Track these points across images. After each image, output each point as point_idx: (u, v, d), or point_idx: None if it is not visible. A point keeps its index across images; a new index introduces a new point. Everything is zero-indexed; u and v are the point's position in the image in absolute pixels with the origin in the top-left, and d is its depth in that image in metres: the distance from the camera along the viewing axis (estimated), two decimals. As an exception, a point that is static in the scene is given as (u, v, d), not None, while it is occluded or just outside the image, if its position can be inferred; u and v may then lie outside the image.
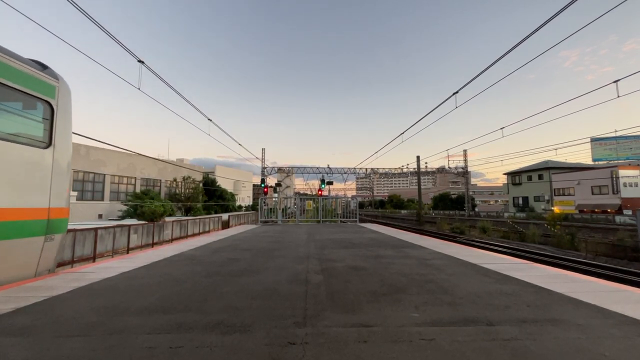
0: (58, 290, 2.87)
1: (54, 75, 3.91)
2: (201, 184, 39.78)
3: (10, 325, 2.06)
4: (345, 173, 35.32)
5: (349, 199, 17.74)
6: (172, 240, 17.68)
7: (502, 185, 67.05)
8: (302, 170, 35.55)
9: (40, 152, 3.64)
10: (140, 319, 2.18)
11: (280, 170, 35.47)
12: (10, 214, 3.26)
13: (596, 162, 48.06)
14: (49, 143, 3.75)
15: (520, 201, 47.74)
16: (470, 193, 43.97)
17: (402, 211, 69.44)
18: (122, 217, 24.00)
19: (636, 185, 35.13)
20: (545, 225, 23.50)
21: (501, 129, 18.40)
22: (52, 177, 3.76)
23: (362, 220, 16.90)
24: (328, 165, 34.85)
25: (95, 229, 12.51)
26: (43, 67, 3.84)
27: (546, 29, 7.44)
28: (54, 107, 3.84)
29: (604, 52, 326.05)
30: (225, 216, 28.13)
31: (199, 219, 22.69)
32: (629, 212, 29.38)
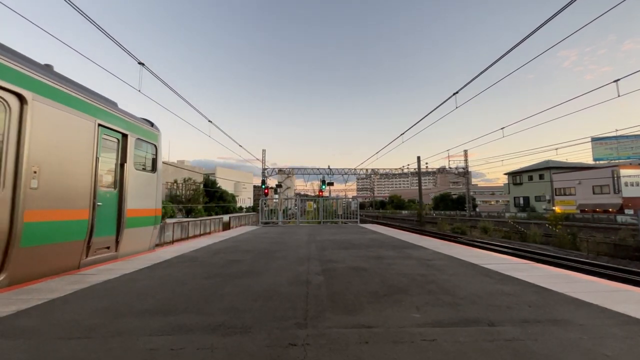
0: (59, 293, 2.88)
1: (157, 127, 6.45)
2: (202, 186, 39.82)
3: (11, 328, 2.06)
4: (345, 174, 35.32)
5: (350, 199, 17.72)
6: (172, 241, 17.67)
7: (502, 185, 66.87)
8: (303, 172, 35.57)
9: (152, 175, 6.15)
10: (141, 320, 2.18)
11: (280, 171, 35.47)
12: (144, 212, 5.81)
13: (597, 162, 47.94)
14: (154, 169, 6.25)
15: (521, 201, 47.63)
16: (471, 193, 43.90)
17: (403, 212, 69.37)
18: (123, 219, 23.93)
19: (637, 184, 35.04)
20: (547, 225, 23.43)
21: (501, 129, 18.41)
22: (156, 190, 6.24)
23: (362, 221, 16.90)
24: (328, 166, 34.90)
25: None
26: (151, 123, 6.33)
27: (545, 28, 7.45)
28: (157, 147, 6.35)
29: (602, 51, 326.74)
30: (225, 217, 28.11)
31: (200, 220, 22.67)
32: (631, 212, 29.30)
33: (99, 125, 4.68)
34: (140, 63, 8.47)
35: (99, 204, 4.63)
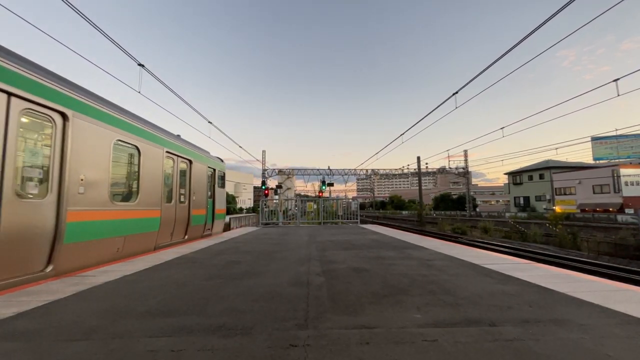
0: (59, 294, 2.88)
1: (224, 161, 10.61)
2: (202, 187, 39.71)
3: (11, 330, 2.06)
4: (345, 174, 35.30)
5: (350, 200, 17.71)
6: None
7: (502, 185, 66.84)
8: (303, 172, 35.56)
9: (223, 190, 10.47)
10: (142, 322, 2.18)
11: (280, 172, 35.46)
12: (221, 211, 10.24)
13: (597, 161, 47.88)
14: (223, 186, 10.58)
15: (522, 201, 47.58)
16: (471, 193, 43.84)
17: (403, 212, 69.22)
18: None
19: (638, 184, 35.00)
20: (547, 224, 23.40)
21: (501, 128, 18.39)
22: (224, 198, 10.80)
23: (363, 222, 16.88)
24: (328, 167, 34.91)
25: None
26: (221, 160, 10.43)
27: (544, 28, 7.45)
28: (224, 173, 10.66)
29: (601, 51, 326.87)
30: (226, 218, 28.01)
31: (200, 221, 22.63)
32: (631, 211, 29.27)
33: (207, 167, 9.02)
34: (140, 64, 8.47)
35: (207, 206, 8.93)
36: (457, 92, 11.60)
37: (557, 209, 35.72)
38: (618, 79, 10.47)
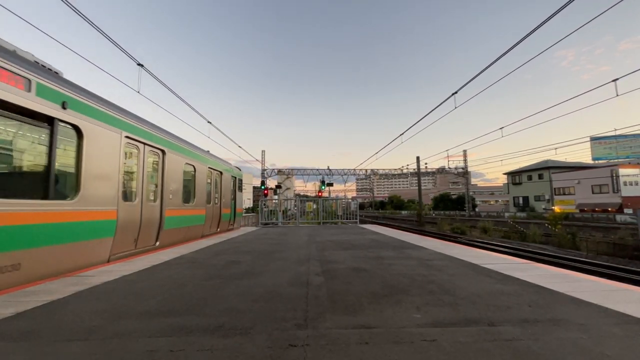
0: (58, 294, 2.87)
1: (240, 170, 13.01)
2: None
3: (10, 330, 2.05)
4: (345, 174, 35.30)
5: (350, 200, 17.71)
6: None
7: (502, 185, 66.86)
8: (302, 172, 35.54)
9: (241, 193, 12.96)
10: (141, 322, 2.18)
11: (280, 172, 35.43)
12: (240, 210, 12.80)
13: (596, 161, 47.97)
14: (241, 190, 13.00)
15: (521, 201, 47.67)
16: (471, 193, 43.87)
17: (403, 212, 69.25)
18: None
19: (636, 184, 35.08)
20: (546, 224, 23.44)
21: (500, 128, 18.45)
22: (242, 199, 13.34)
23: (362, 222, 16.87)
24: (328, 167, 34.90)
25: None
26: (239, 169, 12.92)
27: (543, 29, 7.47)
28: (242, 179, 13.15)
29: (599, 51, 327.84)
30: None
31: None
32: (630, 211, 29.32)
33: (231, 175, 11.24)
34: (139, 64, 8.46)
35: (231, 206, 11.20)
36: (456, 92, 11.62)
37: (556, 208, 35.78)
38: (617, 79, 10.50)
